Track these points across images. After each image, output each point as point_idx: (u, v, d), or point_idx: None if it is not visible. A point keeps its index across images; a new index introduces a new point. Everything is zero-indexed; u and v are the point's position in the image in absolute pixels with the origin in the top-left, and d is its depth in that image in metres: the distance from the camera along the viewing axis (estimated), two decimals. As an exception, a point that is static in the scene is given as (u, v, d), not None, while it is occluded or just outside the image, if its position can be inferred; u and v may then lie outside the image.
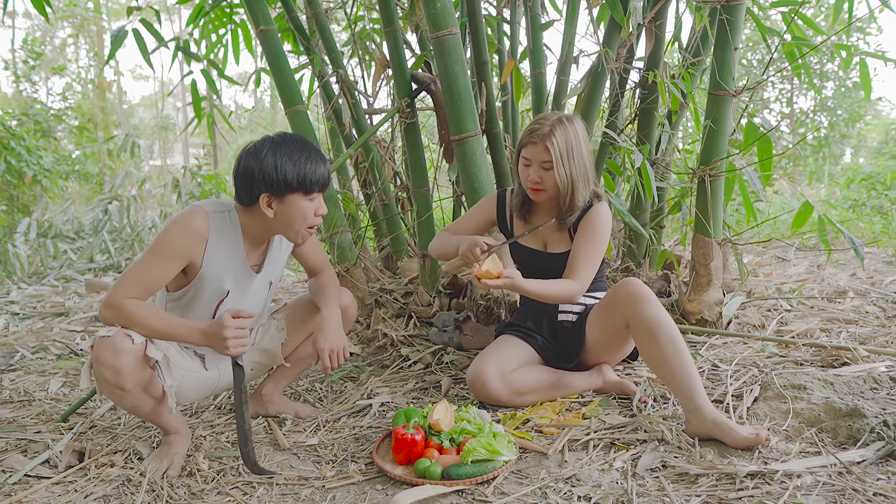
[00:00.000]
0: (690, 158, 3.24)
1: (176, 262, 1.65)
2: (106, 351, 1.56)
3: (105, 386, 1.60)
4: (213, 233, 1.69)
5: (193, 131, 3.76)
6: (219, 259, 1.71)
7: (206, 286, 1.73)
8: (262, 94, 17.97)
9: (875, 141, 12.54)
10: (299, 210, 1.68)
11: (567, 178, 1.91)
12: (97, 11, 14.89)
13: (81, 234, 7.23)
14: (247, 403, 1.66)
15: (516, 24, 3.22)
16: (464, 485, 1.50)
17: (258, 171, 1.64)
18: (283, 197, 1.66)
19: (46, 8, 2.67)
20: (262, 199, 1.66)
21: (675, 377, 1.71)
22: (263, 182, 1.64)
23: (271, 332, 2.00)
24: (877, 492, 1.33)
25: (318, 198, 1.72)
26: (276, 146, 1.66)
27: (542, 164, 1.91)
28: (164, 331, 1.62)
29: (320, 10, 3.10)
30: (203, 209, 1.69)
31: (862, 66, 2.81)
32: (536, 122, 1.95)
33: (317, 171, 1.67)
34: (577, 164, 1.91)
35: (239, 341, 1.59)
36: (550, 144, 1.88)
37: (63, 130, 10.26)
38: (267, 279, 1.89)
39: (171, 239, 1.64)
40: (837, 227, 2.44)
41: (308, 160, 1.66)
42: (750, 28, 9.48)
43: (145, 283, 1.62)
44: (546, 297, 1.93)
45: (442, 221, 3.75)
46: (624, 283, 1.87)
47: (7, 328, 3.81)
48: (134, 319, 1.59)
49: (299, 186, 1.65)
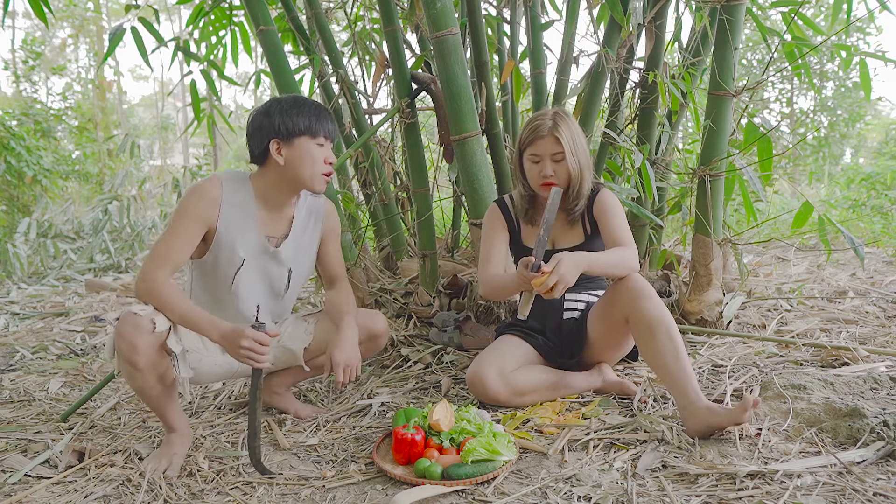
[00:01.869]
0: (690, 158, 3.24)
1: (195, 226, 1.72)
2: (127, 325, 1.61)
3: (120, 360, 1.64)
4: (227, 197, 1.76)
5: (194, 132, 3.76)
6: (232, 223, 1.77)
7: (222, 252, 1.78)
8: (263, 94, 17.97)
9: (875, 141, 12.53)
10: (307, 152, 1.76)
11: (577, 167, 1.96)
12: (97, 11, 14.89)
13: (81, 234, 7.22)
14: (260, 400, 1.67)
15: (516, 24, 3.22)
16: (464, 485, 1.50)
17: (266, 121, 1.75)
18: (291, 141, 1.75)
19: (45, 10, 2.67)
20: (273, 146, 1.75)
21: (671, 373, 1.72)
22: (272, 128, 1.75)
23: (299, 332, 2.00)
24: (877, 492, 1.33)
25: (326, 144, 1.80)
26: (282, 100, 1.78)
27: (552, 156, 1.94)
28: (188, 319, 1.65)
29: (320, 10, 3.10)
30: (217, 177, 1.80)
31: (862, 66, 2.80)
32: (537, 119, 1.97)
33: (322, 119, 1.78)
34: (582, 152, 1.97)
35: (253, 355, 1.60)
36: (560, 135, 1.91)
37: (63, 130, 10.25)
38: (287, 263, 1.89)
39: (188, 205, 1.73)
40: (837, 227, 2.44)
41: (313, 109, 1.78)
42: (750, 28, 9.48)
43: (172, 253, 1.69)
44: (616, 266, 1.84)
45: (442, 221, 3.75)
46: (624, 279, 1.87)
47: (7, 328, 3.81)
48: (164, 300, 1.65)
49: (306, 129, 1.75)
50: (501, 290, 1.99)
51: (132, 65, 31.65)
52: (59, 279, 5.85)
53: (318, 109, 1.78)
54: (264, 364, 1.62)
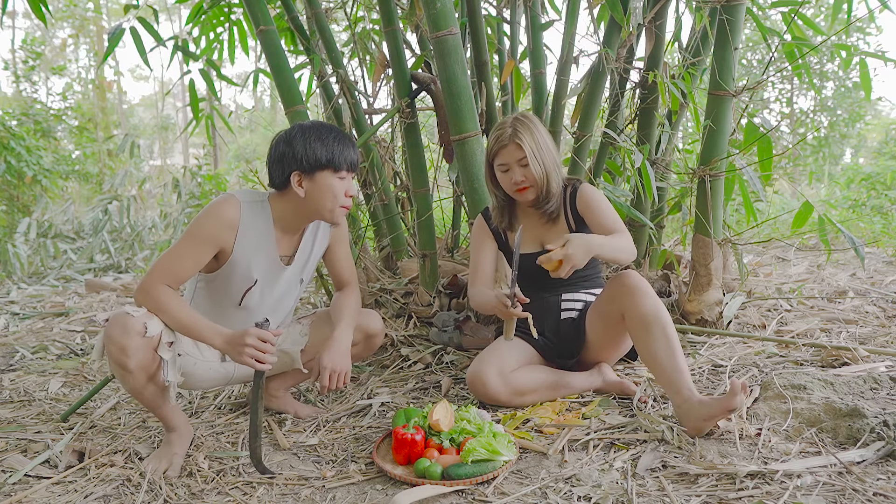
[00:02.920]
0: (690, 158, 3.24)
1: (207, 248, 1.71)
2: (116, 327, 1.59)
3: (111, 362, 1.63)
4: (245, 221, 1.74)
5: (193, 132, 3.76)
6: (249, 247, 1.75)
7: (235, 272, 1.77)
8: (262, 94, 17.98)
9: (875, 141, 12.53)
10: (329, 187, 1.73)
11: (542, 168, 1.97)
12: (97, 12, 14.89)
13: (81, 234, 7.23)
14: (262, 400, 1.67)
15: (516, 24, 3.22)
16: (464, 485, 1.50)
17: (289, 151, 1.72)
18: (313, 174, 1.72)
19: (44, 10, 2.67)
20: (294, 178, 1.73)
21: (665, 370, 1.73)
22: (294, 160, 1.72)
23: (294, 335, 2.00)
24: (877, 492, 1.33)
25: (347, 177, 1.77)
26: (306, 129, 1.75)
27: (519, 162, 1.97)
28: (188, 326, 1.64)
29: (320, 10, 3.10)
30: (236, 198, 1.75)
31: (862, 66, 2.80)
32: (498, 129, 2.01)
33: (345, 151, 1.74)
34: (546, 153, 1.98)
35: (257, 354, 1.59)
36: (521, 140, 1.94)
37: (63, 130, 10.25)
38: (298, 275, 1.90)
39: (203, 226, 1.70)
40: (837, 227, 2.44)
41: (336, 140, 1.74)
42: (750, 28, 9.48)
43: (177, 269, 1.68)
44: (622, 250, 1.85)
45: (442, 221, 3.75)
46: (621, 276, 1.87)
47: (7, 328, 3.81)
48: (164, 308, 1.64)
49: (328, 163, 1.72)
50: (487, 308, 2.02)
51: (132, 65, 31.68)
52: (59, 279, 5.85)
53: (342, 140, 1.75)
54: (268, 365, 1.61)
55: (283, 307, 1.94)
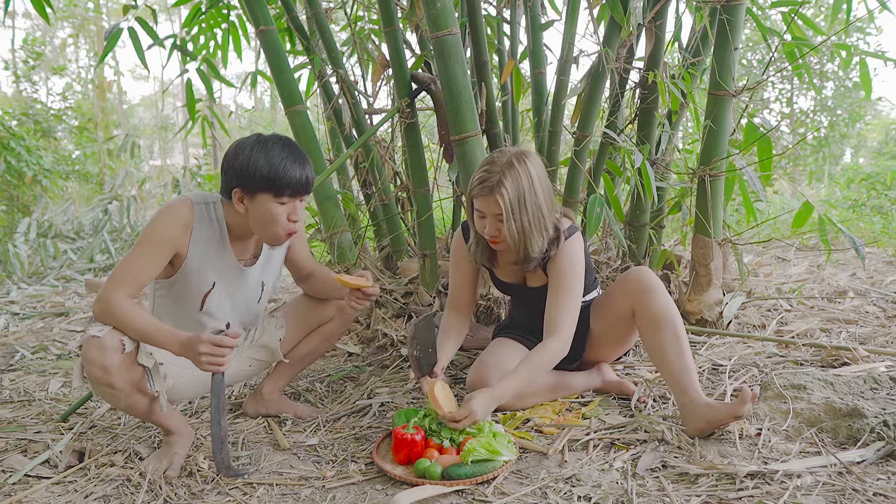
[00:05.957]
0: (690, 158, 3.24)
1: (163, 250, 1.66)
2: (93, 350, 1.55)
3: (96, 385, 1.60)
4: (198, 222, 1.70)
5: (188, 133, 3.75)
6: (202, 249, 1.72)
7: (191, 276, 1.73)
8: (262, 94, 17.96)
9: (875, 141, 12.54)
10: (268, 211, 1.65)
11: (518, 231, 1.73)
12: (97, 11, 14.89)
13: (81, 234, 7.22)
14: (223, 410, 1.60)
15: (516, 24, 3.21)
16: (464, 485, 1.51)
17: (234, 164, 1.64)
18: (254, 195, 1.65)
19: (47, 9, 2.67)
20: (235, 194, 1.67)
21: (673, 370, 1.72)
22: (235, 176, 1.65)
23: (270, 329, 2.00)
24: (877, 492, 1.33)
25: (290, 202, 1.66)
26: (258, 143, 1.65)
27: (495, 216, 1.75)
28: (147, 334, 1.58)
29: (320, 10, 3.10)
30: (188, 199, 1.71)
31: (862, 66, 2.80)
32: (484, 169, 1.74)
33: (289, 174, 1.62)
34: (531, 211, 1.73)
35: (213, 359, 1.52)
36: (500, 197, 1.70)
37: (63, 130, 10.25)
38: (259, 277, 1.88)
39: (158, 228, 1.65)
40: (838, 227, 2.44)
41: (284, 161, 1.62)
42: (750, 28, 9.48)
43: (135, 275, 1.62)
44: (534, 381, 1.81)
45: (442, 221, 3.75)
46: (635, 272, 1.86)
47: (7, 328, 3.81)
48: (121, 318, 1.57)
49: (268, 187, 1.62)
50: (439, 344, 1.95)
51: (132, 65, 31.61)
52: (59, 279, 5.85)
53: (290, 161, 1.62)
54: (224, 368, 1.55)
55: (249, 310, 1.91)
